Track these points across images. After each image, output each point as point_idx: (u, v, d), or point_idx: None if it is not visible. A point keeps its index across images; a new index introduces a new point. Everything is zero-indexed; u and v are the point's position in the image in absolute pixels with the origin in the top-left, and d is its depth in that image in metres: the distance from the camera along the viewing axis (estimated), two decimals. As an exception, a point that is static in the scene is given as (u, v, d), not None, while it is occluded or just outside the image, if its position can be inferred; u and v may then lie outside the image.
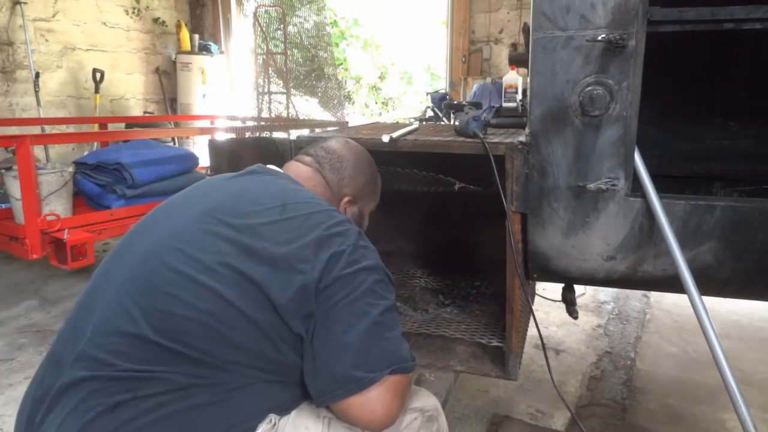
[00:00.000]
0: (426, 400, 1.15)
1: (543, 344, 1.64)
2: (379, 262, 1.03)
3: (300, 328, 0.94)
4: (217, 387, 0.91)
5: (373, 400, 0.94)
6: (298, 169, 1.23)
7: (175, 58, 6.57)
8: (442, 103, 5.32)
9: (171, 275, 0.93)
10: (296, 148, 1.59)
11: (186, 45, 6.45)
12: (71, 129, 5.17)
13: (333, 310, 0.95)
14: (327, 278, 0.95)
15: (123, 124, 5.03)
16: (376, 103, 10.87)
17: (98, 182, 3.04)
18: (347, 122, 6.80)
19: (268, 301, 0.92)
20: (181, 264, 0.93)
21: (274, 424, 0.98)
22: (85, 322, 0.95)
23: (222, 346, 0.91)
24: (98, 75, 5.57)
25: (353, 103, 10.68)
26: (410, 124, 1.75)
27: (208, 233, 0.97)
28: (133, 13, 6.21)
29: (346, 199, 1.24)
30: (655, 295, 3.15)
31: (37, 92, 5.10)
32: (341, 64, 10.30)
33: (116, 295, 0.94)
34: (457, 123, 1.51)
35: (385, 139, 1.43)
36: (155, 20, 6.47)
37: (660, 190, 1.26)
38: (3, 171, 2.86)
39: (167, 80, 6.64)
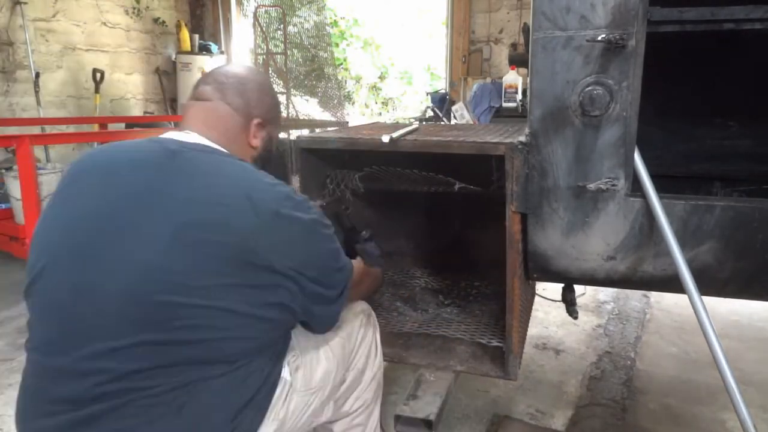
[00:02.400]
0: (361, 305, 1.44)
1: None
2: (304, 213, 1.05)
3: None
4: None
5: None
6: (203, 108, 1.16)
7: (175, 58, 6.57)
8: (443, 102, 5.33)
9: (176, 311, 0.92)
10: (296, 148, 1.60)
11: (186, 45, 6.45)
12: (71, 129, 5.17)
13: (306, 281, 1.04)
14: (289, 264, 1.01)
15: (123, 124, 5.03)
16: (376, 103, 10.86)
17: (98, 182, 3.03)
18: (347, 122, 6.80)
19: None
20: (188, 297, 0.92)
21: (296, 357, 1.19)
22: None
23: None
24: (98, 75, 5.57)
25: (353, 103, 10.67)
26: (410, 124, 1.75)
27: (199, 255, 0.93)
28: (133, 13, 6.21)
29: (256, 121, 1.20)
30: (655, 295, 3.14)
31: (37, 92, 5.10)
32: (341, 64, 10.30)
33: (118, 337, 0.91)
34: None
35: (385, 139, 1.43)
36: (155, 20, 6.47)
37: (660, 190, 1.26)
38: (3, 171, 2.86)
39: (167, 80, 6.64)
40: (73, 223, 0.99)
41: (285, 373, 1.13)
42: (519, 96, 4.50)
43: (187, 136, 1.10)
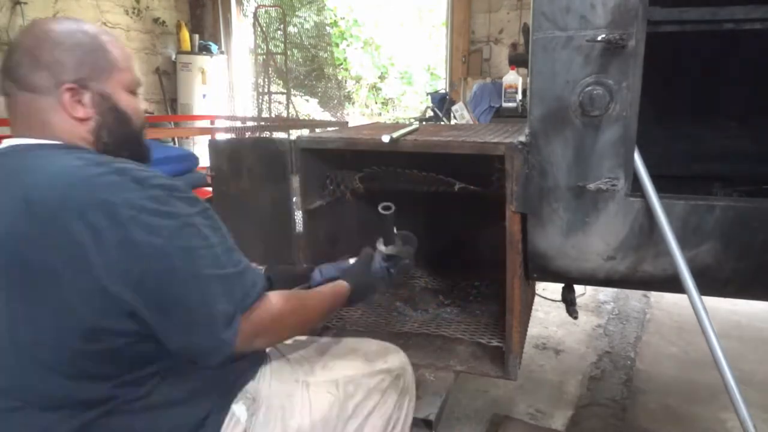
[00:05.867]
0: (393, 360, 1.23)
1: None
2: (171, 215, 0.83)
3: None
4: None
5: (241, 346, 0.88)
6: (9, 109, 0.95)
7: (175, 58, 6.57)
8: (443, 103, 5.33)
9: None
10: (296, 148, 1.59)
11: (186, 45, 6.46)
12: (71, 129, 5.16)
13: (153, 294, 0.83)
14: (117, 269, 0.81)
15: (123, 124, 5.01)
16: (376, 103, 10.86)
17: (98, 182, 3.03)
18: (347, 122, 6.81)
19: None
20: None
21: (254, 398, 1.02)
22: None
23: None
24: (98, 75, 5.57)
25: (353, 103, 10.68)
26: (410, 124, 1.75)
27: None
28: (133, 13, 6.22)
29: (64, 87, 0.91)
30: (655, 295, 3.15)
31: (37, 92, 5.10)
32: (341, 64, 10.30)
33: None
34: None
35: (385, 139, 1.43)
36: (155, 20, 6.47)
37: (660, 190, 1.26)
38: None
39: (167, 80, 6.64)
40: None
41: (239, 410, 0.99)
42: (519, 96, 4.50)
43: (8, 143, 0.94)
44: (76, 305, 0.81)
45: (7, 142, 0.94)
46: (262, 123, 5.19)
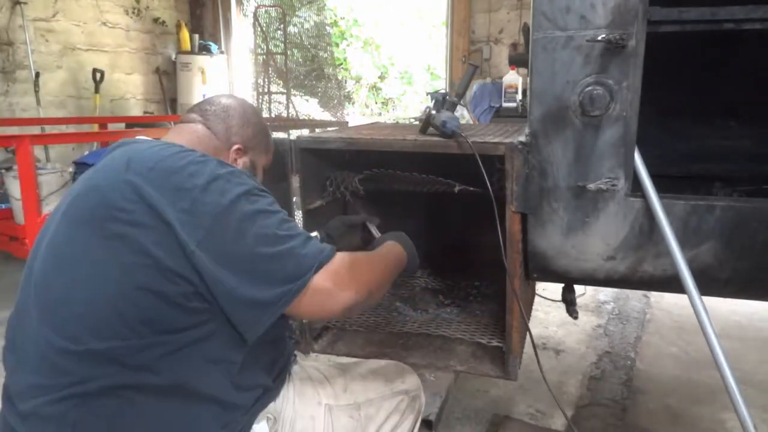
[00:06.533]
0: (411, 381, 1.31)
1: (534, 343, 1.63)
2: (242, 184, 0.96)
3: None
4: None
5: (310, 298, 0.93)
6: (180, 129, 1.17)
7: (175, 58, 6.57)
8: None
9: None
10: (296, 148, 1.59)
11: (186, 45, 6.45)
12: (71, 129, 5.17)
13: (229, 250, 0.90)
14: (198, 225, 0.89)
15: (123, 124, 5.03)
16: (376, 103, 10.86)
17: (98, 182, 3.03)
18: (347, 122, 6.81)
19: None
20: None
21: (275, 419, 1.04)
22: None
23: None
24: (98, 75, 5.57)
25: (353, 103, 10.68)
26: (410, 124, 1.75)
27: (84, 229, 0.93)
28: (133, 13, 6.21)
29: (235, 146, 1.17)
30: (655, 295, 3.15)
31: (37, 92, 5.10)
32: (341, 64, 10.30)
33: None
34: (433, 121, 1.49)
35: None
36: (155, 20, 6.47)
37: (660, 190, 1.26)
38: (3, 171, 2.86)
39: (167, 80, 6.64)
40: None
41: (261, 430, 1.02)
42: (519, 96, 4.50)
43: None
44: (153, 249, 0.87)
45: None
46: (262, 123, 5.18)
